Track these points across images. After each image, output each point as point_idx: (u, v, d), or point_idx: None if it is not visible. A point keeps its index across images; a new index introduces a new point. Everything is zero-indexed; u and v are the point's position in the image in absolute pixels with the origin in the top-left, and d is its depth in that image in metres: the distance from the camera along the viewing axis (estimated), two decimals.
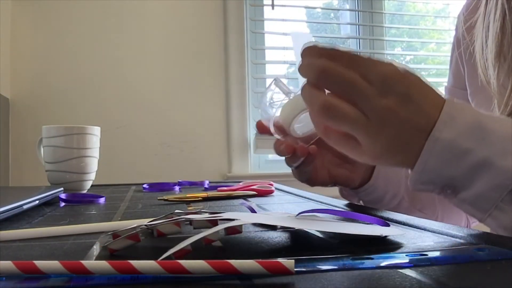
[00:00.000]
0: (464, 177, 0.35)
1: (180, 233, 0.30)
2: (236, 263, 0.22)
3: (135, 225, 0.31)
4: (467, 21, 0.58)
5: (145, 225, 0.30)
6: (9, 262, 0.22)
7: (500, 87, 0.49)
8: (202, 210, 0.39)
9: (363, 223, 0.35)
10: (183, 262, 0.22)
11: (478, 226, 0.41)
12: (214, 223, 0.31)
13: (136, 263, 0.22)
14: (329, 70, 0.35)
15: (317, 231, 0.34)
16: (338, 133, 0.38)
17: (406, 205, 0.56)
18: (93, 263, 0.22)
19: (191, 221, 0.31)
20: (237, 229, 0.29)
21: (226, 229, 0.29)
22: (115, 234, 0.30)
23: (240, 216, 0.31)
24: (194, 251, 0.26)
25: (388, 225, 0.34)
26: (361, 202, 0.57)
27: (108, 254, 0.28)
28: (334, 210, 0.42)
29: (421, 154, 0.35)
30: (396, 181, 0.55)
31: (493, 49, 0.50)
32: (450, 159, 0.35)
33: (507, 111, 0.48)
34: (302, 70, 0.37)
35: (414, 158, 0.36)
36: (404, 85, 0.35)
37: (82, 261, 0.22)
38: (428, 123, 0.35)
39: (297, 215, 0.36)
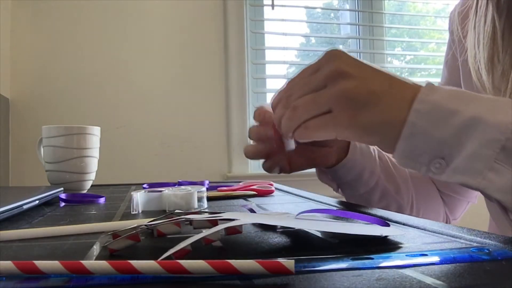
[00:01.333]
0: (454, 139, 0.33)
1: (180, 233, 0.30)
2: (236, 263, 0.22)
3: (135, 225, 0.31)
4: (462, 23, 0.59)
5: (145, 225, 0.30)
6: (9, 262, 0.22)
7: (495, 89, 0.49)
8: (202, 210, 0.39)
9: (363, 223, 0.35)
10: (183, 262, 0.22)
11: (463, 223, 0.39)
12: (214, 223, 0.31)
13: (136, 263, 0.22)
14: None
15: (317, 231, 0.34)
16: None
17: (383, 186, 0.56)
18: (93, 263, 0.22)
19: (191, 221, 0.31)
20: (237, 229, 0.29)
21: (226, 229, 0.29)
22: (115, 234, 0.30)
23: (240, 216, 0.31)
24: (194, 251, 0.26)
25: (388, 225, 0.34)
26: (339, 191, 0.57)
27: (108, 254, 0.28)
28: (334, 210, 0.42)
29: (408, 116, 0.34)
30: (372, 157, 0.55)
31: (484, 55, 0.50)
32: (438, 120, 0.34)
33: None
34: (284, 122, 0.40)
35: (398, 128, 0.35)
36: (358, 66, 0.37)
37: (82, 261, 0.22)
38: (410, 93, 0.35)
39: (297, 215, 0.36)
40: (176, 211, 0.40)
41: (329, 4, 1.79)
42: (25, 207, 0.47)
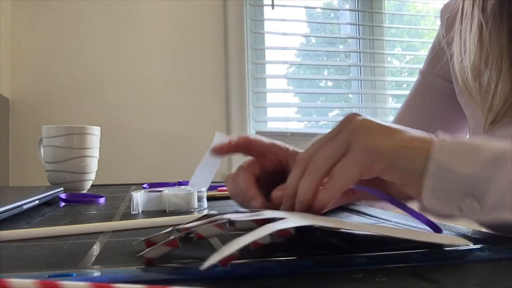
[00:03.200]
0: (484, 171, 0.31)
1: (221, 235, 0.27)
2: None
3: (169, 229, 0.29)
4: (448, 30, 0.58)
5: (182, 228, 0.28)
6: None
7: (484, 93, 0.49)
8: (240, 211, 0.35)
9: (417, 230, 0.34)
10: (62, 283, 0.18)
11: (463, 222, 0.36)
12: (258, 222, 0.28)
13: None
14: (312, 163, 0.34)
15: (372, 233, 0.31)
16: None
17: None
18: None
19: (232, 222, 0.28)
20: (290, 232, 0.26)
21: (278, 231, 0.25)
22: (149, 241, 0.28)
23: (287, 215, 0.29)
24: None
25: (440, 230, 0.33)
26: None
27: (143, 262, 0.25)
28: (390, 197, 0.38)
29: (430, 154, 0.32)
30: None
31: (471, 62, 0.50)
32: (463, 154, 0.32)
33: (491, 117, 0.48)
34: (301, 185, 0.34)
35: (422, 165, 0.32)
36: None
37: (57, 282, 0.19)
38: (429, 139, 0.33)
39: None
40: (212, 212, 0.38)
41: (329, 4, 1.79)
42: (25, 207, 0.47)
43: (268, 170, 0.46)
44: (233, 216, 0.28)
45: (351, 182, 0.33)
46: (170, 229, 0.29)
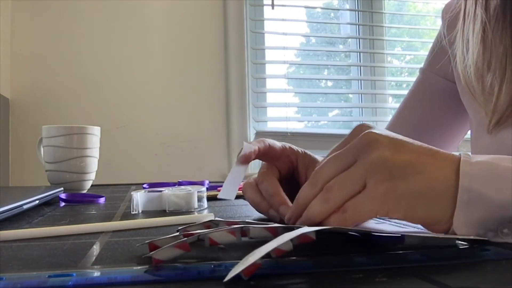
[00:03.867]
0: None
1: (234, 242, 0.27)
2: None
3: (176, 234, 0.29)
4: (449, 30, 0.58)
5: (188, 233, 0.28)
6: None
7: (486, 95, 0.49)
8: (245, 220, 0.34)
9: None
10: None
11: None
12: (272, 230, 0.28)
13: None
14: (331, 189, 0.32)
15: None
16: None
17: None
18: None
19: (245, 230, 0.28)
20: (310, 237, 0.25)
21: (298, 237, 0.25)
22: (152, 244, 0.27)
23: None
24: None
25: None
26: None
27: (151, 264, 0.25)
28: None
29: (459, 179, 0.30)
30: None
31: (474, 63, 0.50)
32: (494, 179, 0.29)
33: (495, 118, 0.48)
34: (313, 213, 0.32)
35: (447, 196, 0.30)
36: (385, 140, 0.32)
37: None
38: (451, 159, 0.31)
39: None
40: (217, 218, 0.36)
41: (329, 4, 1.79)
42: (25, 207, 0.47)
43: (283, 174, 0.45)
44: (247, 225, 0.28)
45: (365, 220, 0.32)
46: (177, 233, 0.29)
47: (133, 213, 0.48)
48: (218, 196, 0.42)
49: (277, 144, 0.46)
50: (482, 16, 0.49)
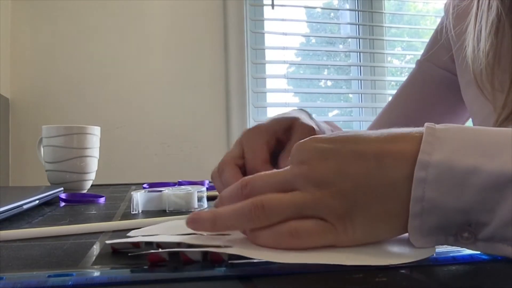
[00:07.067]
0: (478, 203, 0.25)
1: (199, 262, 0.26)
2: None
3: (138, 239, 0.30)
4: (457, 21, 0.56)
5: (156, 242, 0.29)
6: None
7: (496, 91, 0.47)
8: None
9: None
10: None
11: None
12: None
13: None
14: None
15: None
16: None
17: None
18: None
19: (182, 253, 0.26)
20: (221, 257, 0.25)
21: (210, 254, 0.25)
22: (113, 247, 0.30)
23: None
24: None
25: None
26: None
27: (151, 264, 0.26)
28: None
29: (412, 189, 0.25)
30: None
31: (486, 56, 0.48)
32: (453, 184, 0.25)
33: (504, 114, 0.46)
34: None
35: (405, 212, 0.26)
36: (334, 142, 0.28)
37: None
38: (408, 152, 0.26)
39: None
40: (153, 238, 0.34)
41: (329, 4, 1.79)
42: (25, 207, 0.47)
43: (274, 149, 0.46)
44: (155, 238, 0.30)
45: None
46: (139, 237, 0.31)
47: (133, 213, 0.48)
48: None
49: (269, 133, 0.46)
50: (498, 7, 0.47)
